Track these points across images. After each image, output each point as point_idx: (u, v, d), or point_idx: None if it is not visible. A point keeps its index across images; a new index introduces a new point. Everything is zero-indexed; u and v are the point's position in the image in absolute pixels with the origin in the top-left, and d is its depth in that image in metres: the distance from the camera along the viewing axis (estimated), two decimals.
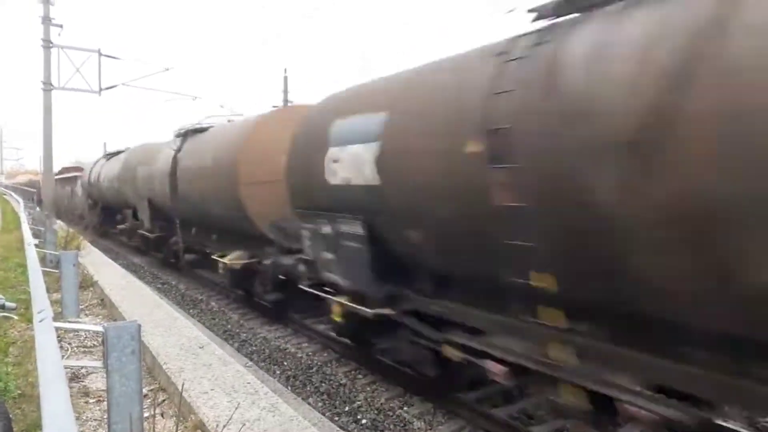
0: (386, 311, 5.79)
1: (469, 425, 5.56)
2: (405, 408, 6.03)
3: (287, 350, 8.15)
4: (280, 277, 8.77)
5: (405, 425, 5.63)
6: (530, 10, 4.18)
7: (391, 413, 5.91)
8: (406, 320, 5.70)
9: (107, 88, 19.55)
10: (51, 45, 18.11)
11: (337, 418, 5.91)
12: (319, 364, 7.47)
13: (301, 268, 7.43)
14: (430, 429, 5.53)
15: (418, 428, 5.55)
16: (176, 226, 12.81)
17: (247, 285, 10.23)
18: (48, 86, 18.09)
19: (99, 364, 4.21)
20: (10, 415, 3.95)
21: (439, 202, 4.74)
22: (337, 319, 6.57)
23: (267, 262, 9.13)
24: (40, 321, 3.93)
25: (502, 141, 3.98)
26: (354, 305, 6.05)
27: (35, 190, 38.15)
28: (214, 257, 10.59)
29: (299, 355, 7.88)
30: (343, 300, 6.32)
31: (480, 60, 4.62)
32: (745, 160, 2.75)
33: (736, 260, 2.92)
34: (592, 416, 4.06)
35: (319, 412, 5.97)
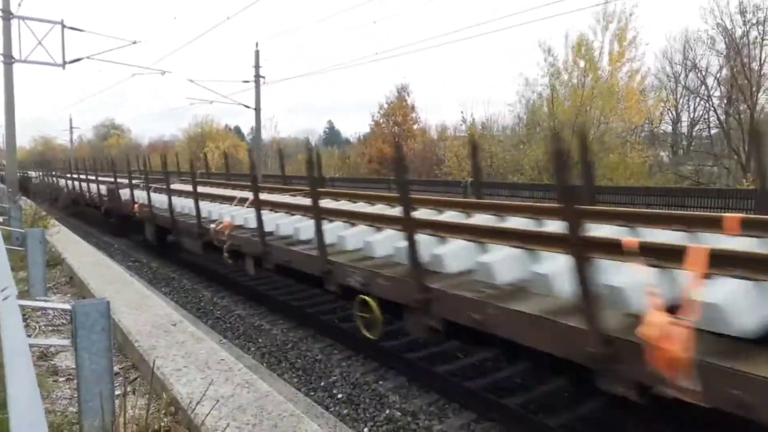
0: None
1: (443, 398, 5.63)
2: (380, 382, 6.07)
3: (262, 327, 8.11)
4: None
5: (380, 398, 5.68)
6: None
7: (366, 387, 5.95)
8: None
9: (72, 62, 18.86)
10: (11, 16, 17.36)
11: (312, 393, 5.93)
12: (294, 340, 7.46)
13: None
14: (405, 402, 5.58)
15: (393, 401, 5.60)
16: None
17: None
18: (8, 59, 17.39)
19: (68, 342, 4.11)
20: None
21: None
22: None
23: None
24: (4, 299, 3.81)
25: None
26: None
27: None
28: None
29: (274, 332, 7.85)
30: None
31: None
32: None
33: None
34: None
35: (294, 387, 5.98)
